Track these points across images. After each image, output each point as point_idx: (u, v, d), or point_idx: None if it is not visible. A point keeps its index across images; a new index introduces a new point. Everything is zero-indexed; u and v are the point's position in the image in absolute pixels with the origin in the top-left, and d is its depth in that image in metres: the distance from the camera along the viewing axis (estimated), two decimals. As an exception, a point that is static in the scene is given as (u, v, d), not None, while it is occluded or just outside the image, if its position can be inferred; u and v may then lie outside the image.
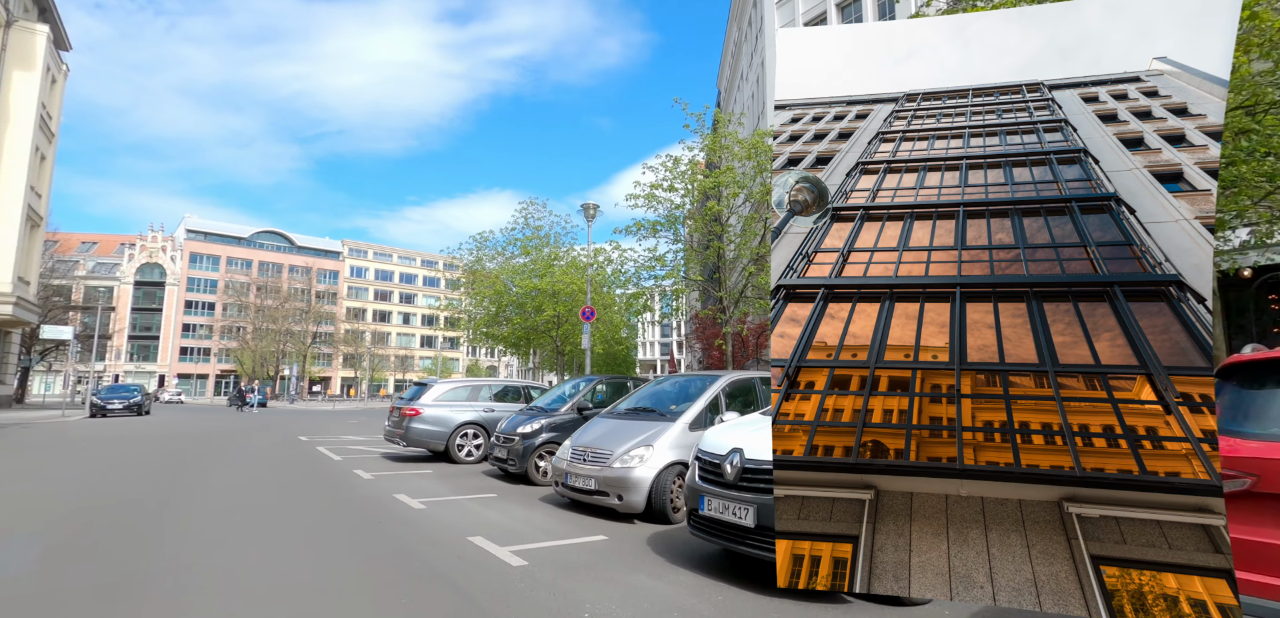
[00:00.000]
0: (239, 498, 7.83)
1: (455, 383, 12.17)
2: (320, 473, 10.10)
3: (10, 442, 14.86)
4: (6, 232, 28.76)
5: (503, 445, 9.51)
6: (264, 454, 12.66)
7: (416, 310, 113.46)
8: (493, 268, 28.76)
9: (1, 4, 28.61)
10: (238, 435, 17.58)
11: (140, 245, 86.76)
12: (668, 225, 15.90)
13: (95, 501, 7.50)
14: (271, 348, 73.30)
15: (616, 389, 10.43)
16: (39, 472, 10.10)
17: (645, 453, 6.66)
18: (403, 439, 11.39)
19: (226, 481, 9.20)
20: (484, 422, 11.75)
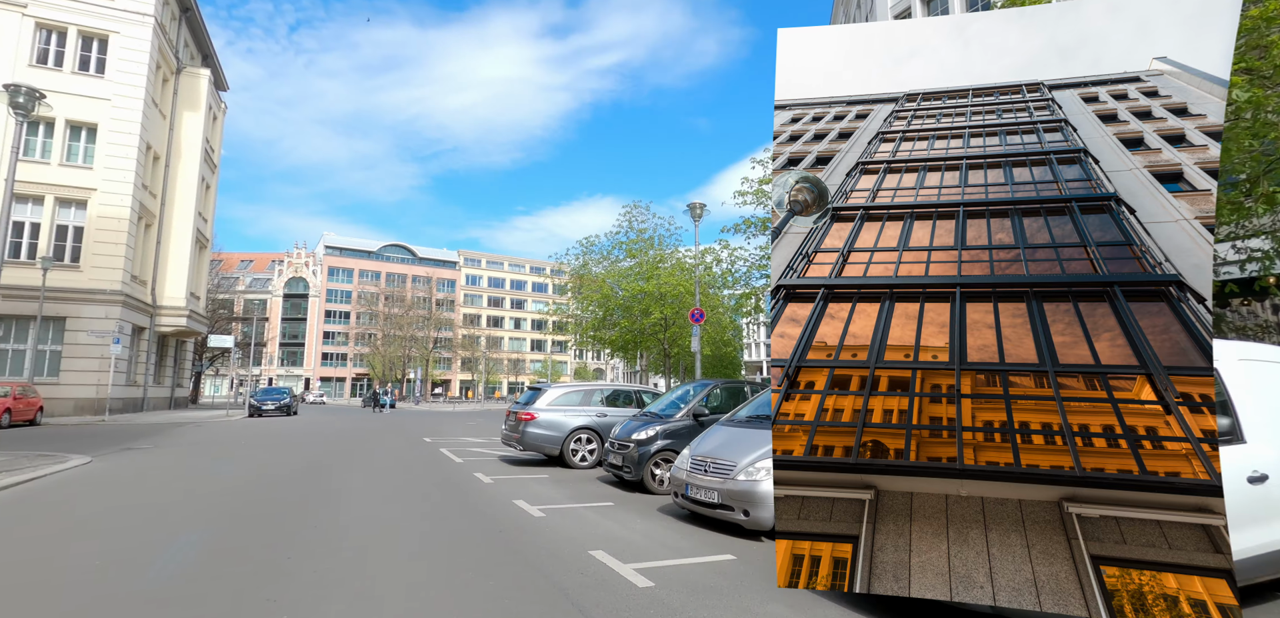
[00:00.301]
0: (374, 505, 8.12)
1: (568, 387, 12.19)
2: (445, 476, 10.38)
3: (189, 438, 16.71)
4: (179, 253, 32.72)
5: (617, 452, 9.31)
6: (395, 456, 13.29)
7: (526, 315, 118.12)
8: (599, 272, 29.07)
9: (173, 53, 32.60)
10: (372, 436, 18.74)
11: (287, 261, 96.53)
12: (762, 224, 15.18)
13: (246, 505, 8.06)
14: (398, 353, 78.93)
15: (733, 395, 9.95)
16: (217, 461, 11.15)
17: (771, 466, 6.14)
18: (519, 444, 11.53)
19: (363, 483, 9.64)
20: (596, 427, 11.66)
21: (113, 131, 28.02)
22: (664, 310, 22.24)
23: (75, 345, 26.51)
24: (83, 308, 26.79)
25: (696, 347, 16.44)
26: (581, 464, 11.44)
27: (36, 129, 27.31)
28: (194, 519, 6.87)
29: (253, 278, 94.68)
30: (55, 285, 26.18)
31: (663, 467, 8.91)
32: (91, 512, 7.38)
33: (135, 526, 6.61)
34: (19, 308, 25.57)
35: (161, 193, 32.04)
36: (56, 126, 27.33)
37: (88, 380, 26.61)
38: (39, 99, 10.94)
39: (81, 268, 27.11)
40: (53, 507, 7.67)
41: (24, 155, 26.91)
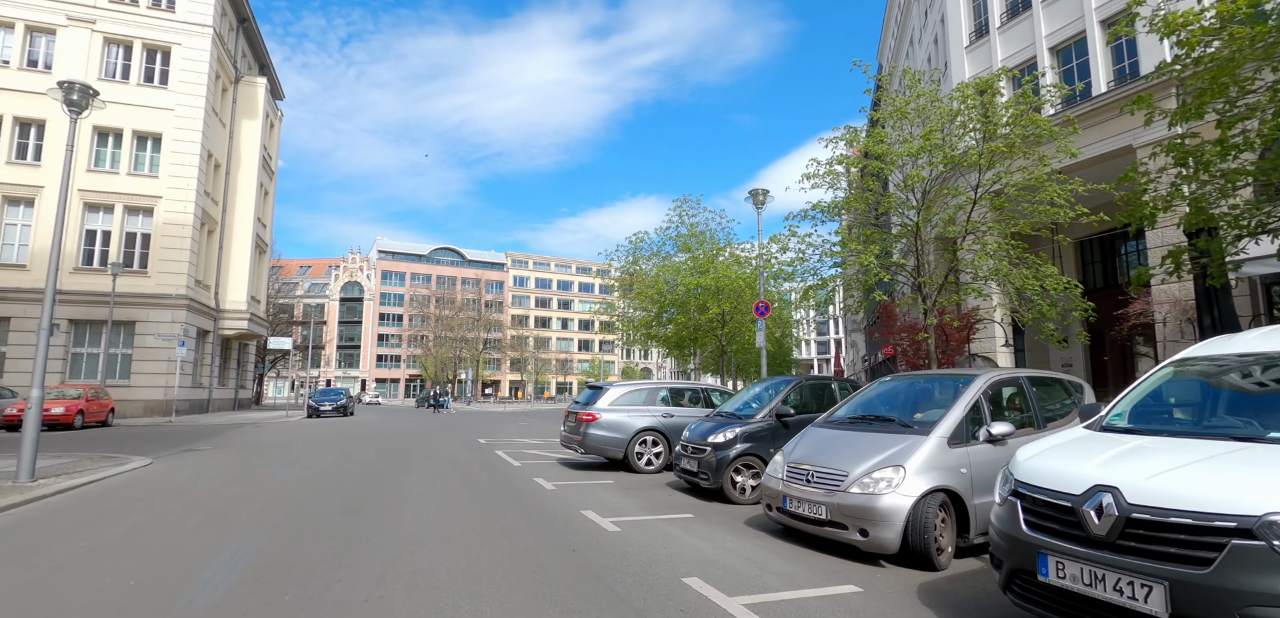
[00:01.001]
0: (432, 516, 7.46)
1: (631, 386, 11.38)
2: (504, 482, 9.71)
3: (249, 439, 16.68)
4: (240, 257, 33.46)
5: (691, 456, 8.42)
6: (451, 460, 12.75)
7: (573, 316, 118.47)
8: (650, 269, 28.25)
9: (232, 63, 33.36)
10: (426, 438, 18.37)
11: (343, 266, 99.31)
12: (849, 206, 13.98)
13: (298, 516, 7.53)
14: (450, 354, 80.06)
15: (817, 392, 8.93)
16: (273, 464, 10.82)
17: (893, 476, 5.14)
18: (580, 446, 10.78)
19: (420, 490, 9.05)
20: (662, 428, 10.81)
21: (176, 140, 28.75)
22: (722, 305, 21.23)
23: (144, 349, 27.28)
24: (150, 312, 27.55)
25: (762, 342, 15.41)
26: (647, 469, 10.60)
27: (106, 140, 28.25)
28: (243, 529, 6.34)
29: (311, 283, 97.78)
30: (124, 290, 26.98)
31: (744, 473, 7.98)
32: (141, 520, 6.95)
33: (181, 536, 6.10)
34: (93, 313, 26.45)
35: (223, 199, 32.82)
36: (124, 137, 28.20)
37: (156, 383, 27.34)
38: (93, 96, 10.77)
39: (149, 273, 27.90)
40: (104, 514, 7.29)
41: (95, 166, 27.89)
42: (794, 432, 8.00)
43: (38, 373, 9.89)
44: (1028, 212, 12.36)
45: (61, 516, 7.24)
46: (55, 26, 27.72)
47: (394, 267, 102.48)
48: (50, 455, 12.84)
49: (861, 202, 13.52)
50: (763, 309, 15.33)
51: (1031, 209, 12.25)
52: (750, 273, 21.22)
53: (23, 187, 26.71)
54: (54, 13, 27.70)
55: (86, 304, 26.60)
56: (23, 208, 26.88)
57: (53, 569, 5.04)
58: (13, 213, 26.77)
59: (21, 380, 24.75)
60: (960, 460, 5.33)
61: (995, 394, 5.94)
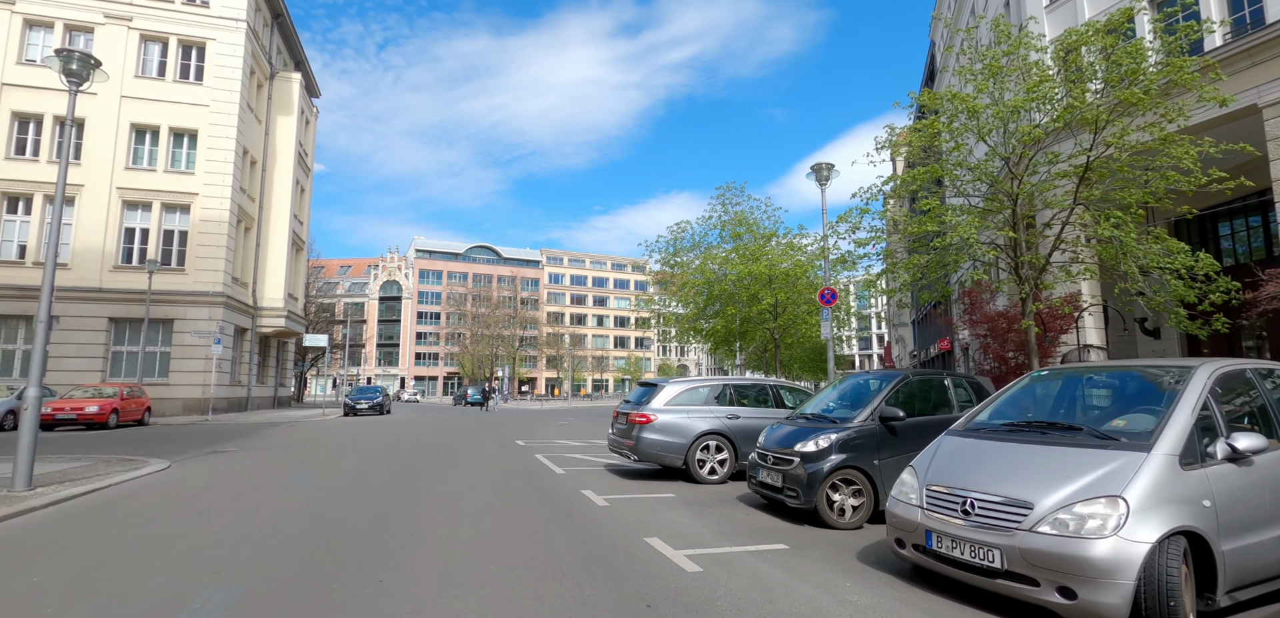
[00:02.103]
0: (465, 540, 6.15)
1: (690, 383, 9.92)
2: (549, 495, 8.37)
3: (279, 439, 15.81)
4: (277, 254, 33.14)
5: (773, 468, 6.93)
6: (487, 465, 11.51)
7: (609, 313, 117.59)
8: (692, 260, 26.76)
9: (266, 59, 33.02)
10: (462, 438, 17.27)
11: (382, 266, 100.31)
12: (933, 175, 12.19)
13: (309, 535, 6.31)
14: (486, 352, 79.85)
15: (927, 391, 7.32)
16: (295, 469, 9.75)
17: (1108, 512, 3.58)
18: (633, 452, 9.38)
19: (452, 504, 7.79)
20: (727, 432, 9.34)
21: (211, 136, 28.42)
22: (775, 295, 19.58)
23: (182, 346, 26.99)
24: (188, 309, 27.25)
25: (827, 333, 13.77)
26: (711, 478, 9.15)
27: (144, 138, 28.07)
28: (233, 562, 5.12)
29: (351, 282, 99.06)
30: (162, 288, 26.72)
31: (843, 491, 6.46)
32: (118, 545, 5.82)
33: (155, 572, 4.92)
34: (132, 311, 26.24)
35: (259, 196, 32.52)
36: (161, 134, 27.97)
37: (194, 381, 27.03)
38: (94, 67, 9.82)
39: (186, 271, 27.61)
40: (83, 534, 6.19)
41: (133, 164, 27.71)
42: (905, 440, 6.46)
43: (35, 371, 8.96)
44: (1143, 179, 10.49)
45: (36, 536, 6.17)
46: (93, 25, 27.62)
47: (431, 265, 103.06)
48: (68, 458, 12.07)
49: (949, 172, 11.73)
50: (829, 297, 13.69)
51: (1152, 176, 10.37)
52: (806, 259, 19.52)
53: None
54: (92, 11, 27.60)
55: (126, 302, 26.42)
56: (65, 207, 26.78)
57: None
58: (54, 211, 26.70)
59: (63, 379, 24.64)
60: (1199, 488, 3.74)
61: (1226, 391, 4.30)
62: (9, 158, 26.30)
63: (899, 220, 11.78)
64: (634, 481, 9.43)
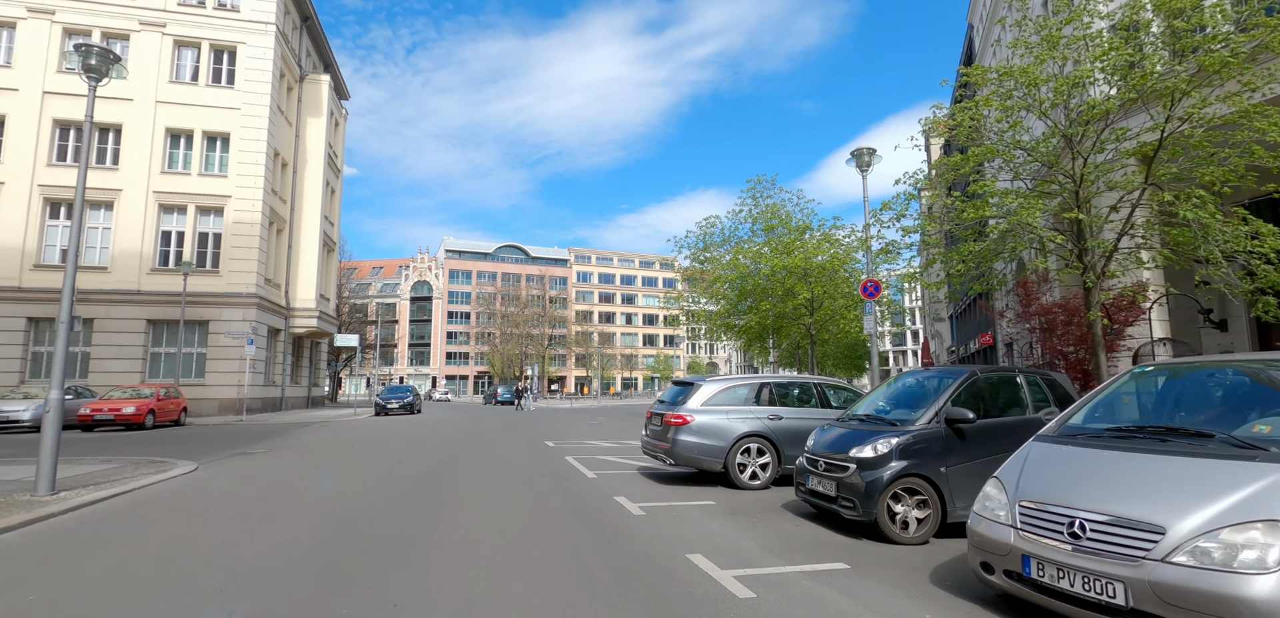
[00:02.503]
0: (490, 555, 5.67)
1: (728, 381, 9.32)
2: (581, 503, 7.86)
3: (309, 440, 15.68)
4: (308, 255, 33.41)
5: (825, 475, 6.31)
6: (516, 469, 11.07)
7: (637, 311, 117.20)
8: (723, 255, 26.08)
9: (296, 62, 33.28)
10: (490, 439, 16.94)
11: (412, 266, 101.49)
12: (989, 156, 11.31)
13: (327, 543, 5.91)
14: (516, 351, 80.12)
15: (998, 391, 6.60)
16: (320, 470, 9.46)
17: (1268, 542, 2.90)
18: (668, 456, 8.82)
19: (476, 511, 7.35)
20: (769, 434, 8.72)
21: (243, 139, 28.70)
22: (812, 290, 18.81)
23: (217, 347, 27.30)
24: (222, 311, 27.56)
25: (871, 327, 13.02)
26: (752, 484, 8.55)
27: (178, 142, 28.46)
28: (243, 576, 4.73)
29: (383, 283, 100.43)
30: (197, 290, 27.05)
31: (906, 501, 5.81)
32: (129, 554, 5.50)
33: (160, 587, 4.54)
34: (170, 313, 26.62)
35: (290, 197, 32.81)
36: (195, 138, 28.32)
37: (229, 381, 27.32)
38: (113, 62, 9.62)
39: (220, 273, 27.92)
40: (93, 546, 5.89)
41: (168, 168, 28.12)
42: (975, 445, 5.79)
43: (57, 373, 8.78)
44: (1222, 155, 9.55)
45: (47, 545, 5.89)
46: (128, 32, 28.09)
47: (461, 265, 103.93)
48: (100, 460, 12.01)
49: (1004, 153, 10.87)
50: (872, 290, 12.93)
51: (1231, 152, 9.43)
52: (844, 251, 18.69)
53: (103, 190, 27.16)
54: (127, 18, 28.07)
55: (163, 304, 26.82)
56: (103, 211, 27.35)
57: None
58: (94, 216, 27.27)
59: (104, 380, 25.10)
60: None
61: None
62: (50, 164, 26.89)
63: (947, 207, 10.94)
64: (670, 485, 8.88)
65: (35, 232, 26.37)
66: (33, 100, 26.76)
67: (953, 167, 12.40)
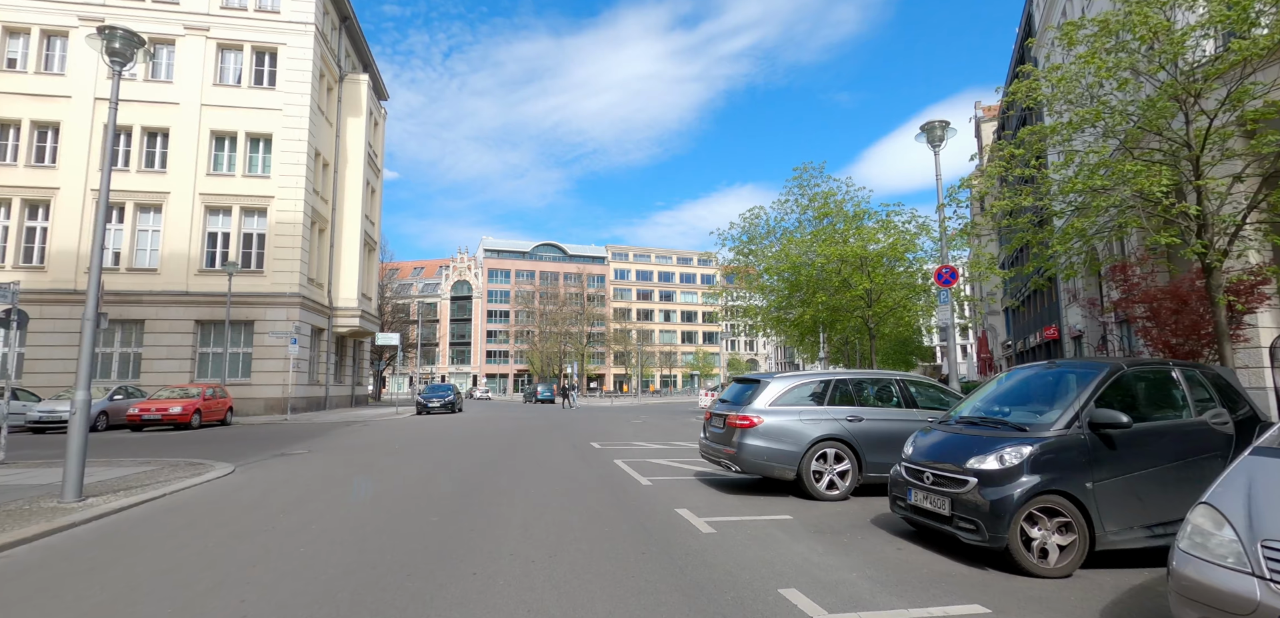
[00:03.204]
0: (540, 591, 4.84)
1: (799, 378, 8.29)
2: (639, 518, 6.99)
3: (349, 440, 15.27)
4: (349, 254, 33.47)
5: (933, 490, 5.29)
6: (563, 475, 10.28)
7: (676, 308, 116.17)
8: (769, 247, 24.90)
9: (335, 62, 33.34)
10: (532, 442, 16.25)
11: (452, 266, 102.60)
12: (1083, 123, 9.99)
13: (354, 567, 5.17)
14: (555, 349, 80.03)
15: (1149, 389, 5.45)
16: (358, 476, 8.86)
17: None
18: (732, 462, 7.86)
19: (523, 528, 6.56)
20: (849, 437, 7.70)
21: (284, 140, 28.78)
22: (873, 279, 17.55)
23: (262, 347, 27.43)
24: (267, 311, 27.68)
25: (946, 319, 11.80)
26: (830, 494, 7.54)
27: (223, 144, 28.70)
28: (268, 597, 4.01)
29: (424, 284, 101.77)
30: (242, 290, 27.21)
31: (1045, 524, 4.75)
32: (157, 567, 4.88)
33: (181, 608, 3.84)
34: (216, 313, 26.85)
35: (332, 197, 32.91)
36: (238, 140, 28.52)
37: (274, 381, 27.43)
38: (139, 46, 9.14)
39: (264, 273, 28.06)
40: (118, 555, 5.31)
41: (213, 170, 28.37)
42: (1128, 455, 4.69)
43: (82, 373, 8.33)
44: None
45: (63, 561, 5.32)
46: (174, 37, 28.44)
47: (499, 264, 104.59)
48: (139, 462, 11.73)
49: (1109, 117, 9.54)
50: (948, 276, 11.71)
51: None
52: (906, 238, 17.35)
53: (152, 193, 27.56)
54: (173, 23, 28.43)
55: (210, 305, 27.06)
56: (152, 214, 27.76)
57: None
58: (144, 219, 27.70)
59: (155, 380, 25.44)
60: None
61: None
62: (103, 169, 27.34)
63: (1042, 179, 9.67)
64: (736, 494, 7.95)
65: (89, 235, 26.87)
66: (85, 107, 27.31)
67: (1038, 136, 11.09)
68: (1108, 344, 25.60)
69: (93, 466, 11.22)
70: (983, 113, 70.08)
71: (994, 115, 65.68)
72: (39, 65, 27.46)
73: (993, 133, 59.52)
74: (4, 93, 26.92)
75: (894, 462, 7.68)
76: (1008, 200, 10.59)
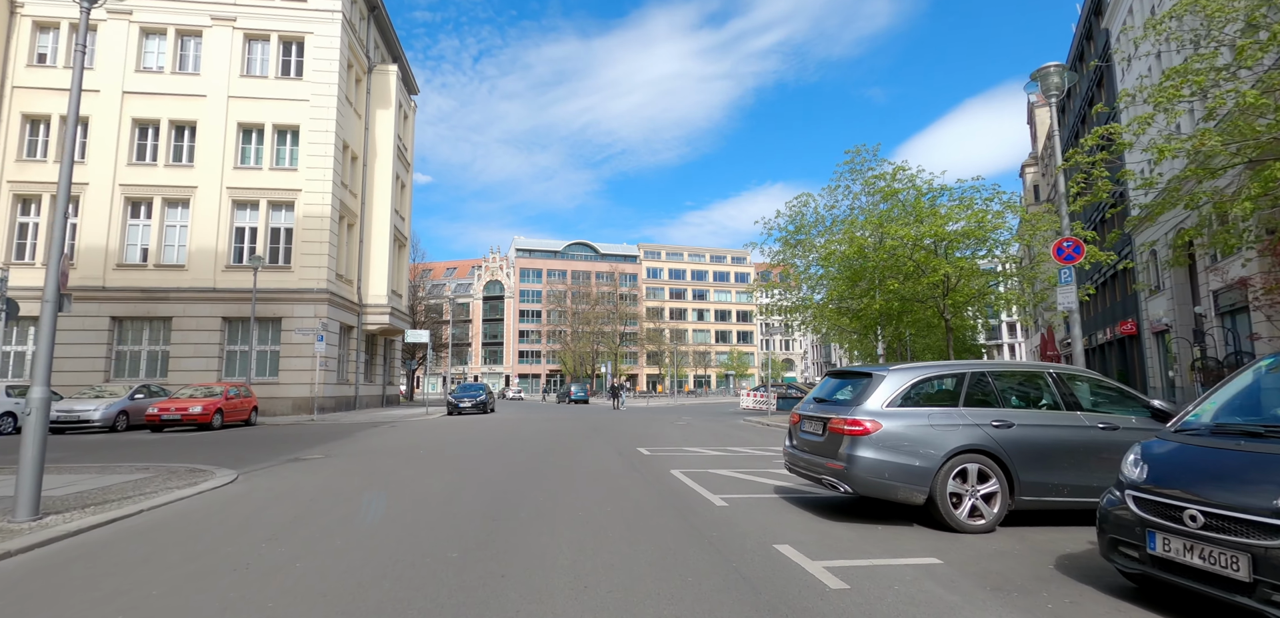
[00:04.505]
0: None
1: (923, 370, 6.38)
2: (726, 557, 5.23)
3: (371, 444, 13.90)
4: (379, 250, 32.46)
5: (1205, 538, 3.42)
6: (614, 491, 8.59)
7: (709, 307, 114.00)
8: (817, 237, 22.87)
9: (364, 53, 32.37)
10: (571, 447, 14.63)
11: (485, 266, 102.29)
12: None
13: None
14: (588, 349, 78.70)
15: None
16: (371, 493, 7.34)
17: None
18: (842, 480, 6.03)
19: (570, 562, 4.90)
20: (994, 448, 5.82)
21: (312, 131, 27.83)
22: (957, 264, 15.43)
23: (290, 345, 26.47)
24: (294, 307, 26.72)
25: (1071, 302, 9.77)
26: (974, 524, 5.69)
27: (250, 137, 27.88)
28: None
29: (457, 284, 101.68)
30: (269, 286, 26.29)
31: None
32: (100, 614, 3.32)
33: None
34: (244, 310, 25.97)
35: (361, 192, 31.94)
36: (265, 132, 27.67)
37: (302, 379, 26.44)
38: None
39: (292, 268, 27.12)
40: (56, 597, 3.79)
41: (241, 163, 27.56)
42: None
43: (40, 368, 6.98)
44: None
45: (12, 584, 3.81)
46: (201, 28, 27.72)
47: (531, 264, 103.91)
48: (134, 468, 10.45)
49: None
50: (1071, 250, 9.67)
51: None
52: (991, 216, 15.14)
53: (179, 188, 26.86)
54: (199, 14, 27.71)
55: (238, 301, 26.20)
56: (180, 209, 27.06)
57: None
58: (171, 214, 27.02)
59: (182, 379, 24.62)
60: None
61: None
62: (131, 164, 26.78)
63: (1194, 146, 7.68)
64: (843, 521, 6.15)
65: (117, 231, 26.29)
66: (113, 101, 26.73)
67: (1183, 74, 9.03)
68: (1204, 337, 22.93)
69: (83, 473, 9.97)
70: (1037, 98, 66.40)
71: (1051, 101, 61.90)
72: (68, 60, 26.96)
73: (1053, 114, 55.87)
74: (34, 88, 26.52)
75: (1054, 481, 5.81)
76: (1164, 145, 8.54)
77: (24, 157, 26.29)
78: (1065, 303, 9.80)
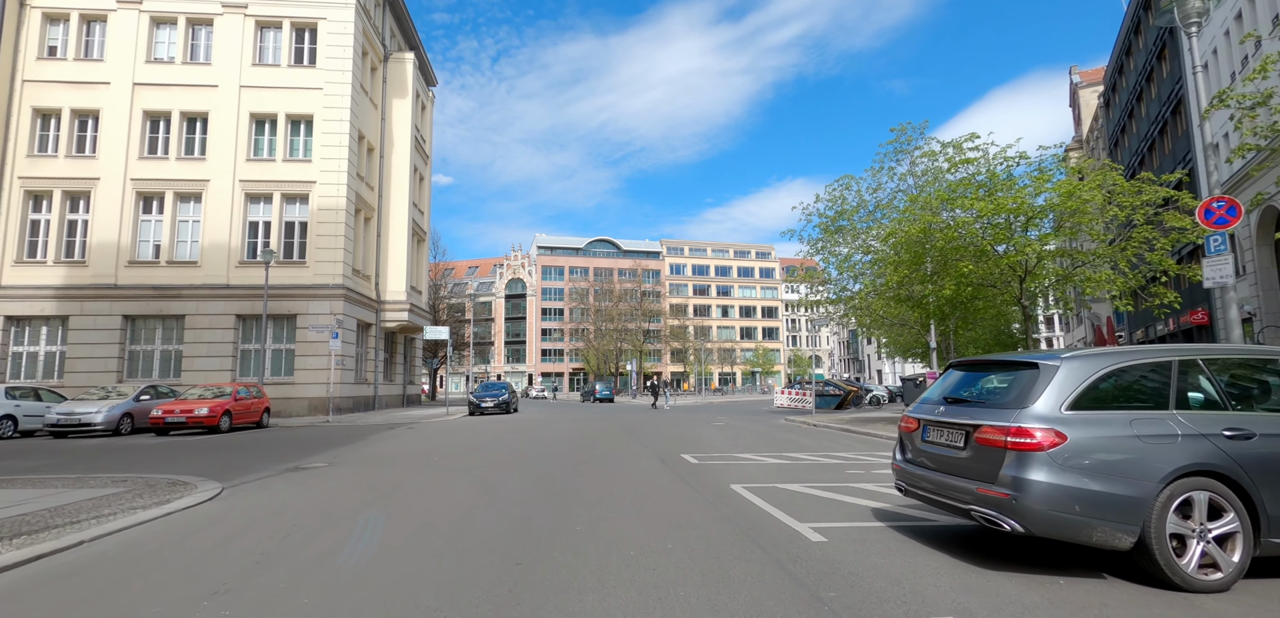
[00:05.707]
0: None
1: (1115, 357, 4.54)
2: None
3: (383, 450, 12.48)
4: (397, 244, 31.25)
5: None
6: (668, 518, 6.95)
7: (733, 303, 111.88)
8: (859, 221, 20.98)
9: (380, 41, 31.16)
10: (605, 454, 13.00)
11: (506, 264, 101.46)
12: None
13: None
14: (611, 346, 77.23)
15: None
16: (369, 517, 5.85)
17: None
18: (1007, 514, 4.27)
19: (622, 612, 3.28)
20: (1227, 468, 4.05)
21: (326, 120, 26.67)
22: (1041, 242, 13.49)
23: (305, 343, 25.33)
24: (309, 304, 25.58)
25: (1226, 276, 7.89)
26: (1206, 580, 3.94)
27: (262, 128, 26.82)
28: None
29: (479, 282, 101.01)
30: (283, 282, 25.19)
31: None
32: None
33: None
34: (259, 307, 24.92)
35: (378, 184, 30.78)
36: (278, 123, 26.58)
37: (318, 379, 25.30)
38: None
39: (307, 263, 25.99)
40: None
41: (253, 155, 26.51)
42: None
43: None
44: None
45: None
46: (211, 16, 26.71)
47: (553, 261, 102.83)
48: (110, 481, 9.09)
49: None
50: (1223, 213, 7.80)
51: None
52: (1083, 187, 13.12)
53: (191, 182, 25.89)
54: (210, 1, 26.68)
55: (252, 299, 25.14)
56: (192, 204, 26.09)
57: None
58: (184, 209, 26.07)
59: (195, 379, 23.60)
60: None
61: None
62: (142, 157, 25.88)
63: None
64: (1004, 567, 4.43)
65: (129, 227, 25.39)
66: (124, 93, 25.84)
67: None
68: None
69: (49, 487, 8.64)
70: (1081, 78, 62.97)
71: (1097, 79, 58.70)
72: (78, 52, 26.15)
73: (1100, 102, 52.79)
74: (45, 81, 25.73)
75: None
76: None
77: (35, 152, 25.51)
78: (1217, 278, 7.91)
